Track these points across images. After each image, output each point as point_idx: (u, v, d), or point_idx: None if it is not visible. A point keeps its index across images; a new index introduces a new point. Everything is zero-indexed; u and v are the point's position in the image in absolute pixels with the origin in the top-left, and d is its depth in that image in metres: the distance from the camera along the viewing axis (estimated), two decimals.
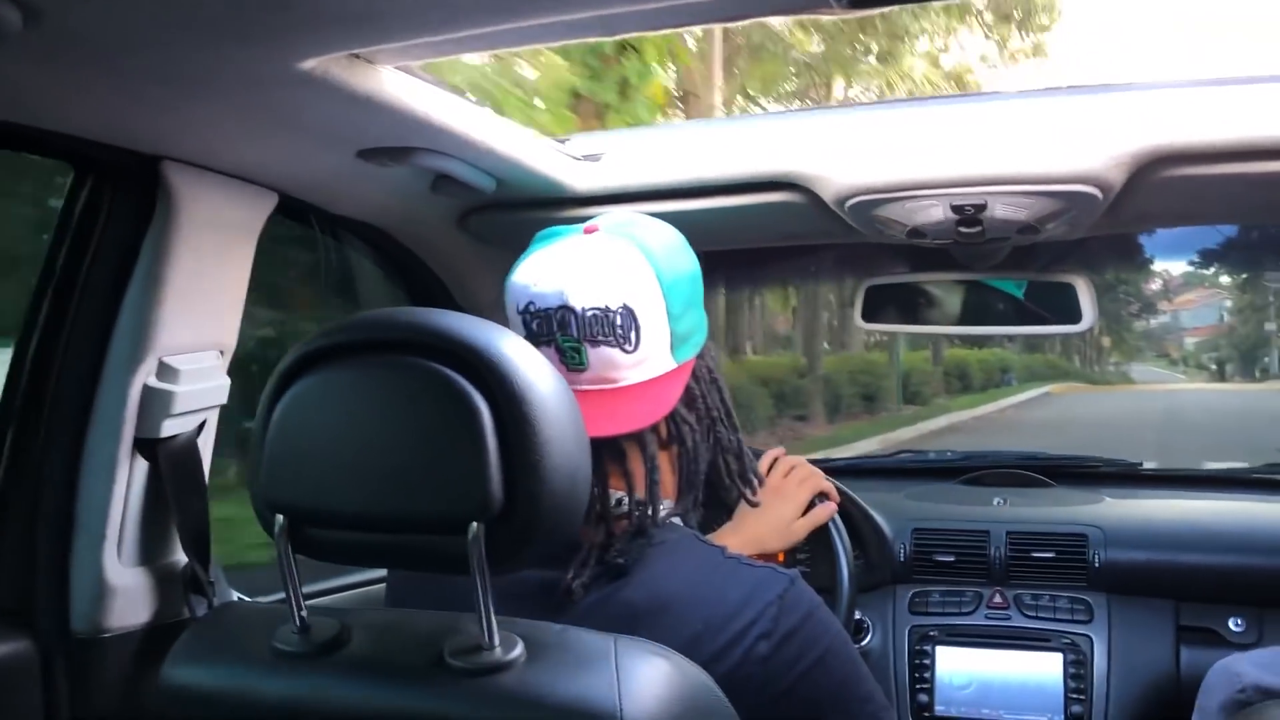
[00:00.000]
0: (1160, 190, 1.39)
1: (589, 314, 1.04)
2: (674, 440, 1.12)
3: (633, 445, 1.08)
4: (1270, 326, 29.23)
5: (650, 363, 1.07)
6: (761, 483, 1.23)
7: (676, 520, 1.13)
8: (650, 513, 1.08)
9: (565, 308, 1.04)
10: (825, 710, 1.06)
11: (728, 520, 1.84)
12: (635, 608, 1.01)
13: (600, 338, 1.05)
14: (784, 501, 1.43)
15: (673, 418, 1.11)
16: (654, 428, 1.10)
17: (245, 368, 1.36)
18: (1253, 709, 0.91)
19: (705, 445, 1.15)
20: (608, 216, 1.14)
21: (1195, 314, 33.01)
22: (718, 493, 1.20)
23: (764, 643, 1.02)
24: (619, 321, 1.04)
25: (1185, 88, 1.38)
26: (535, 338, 1.06)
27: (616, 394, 1.06)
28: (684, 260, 1.11)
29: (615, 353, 1.05)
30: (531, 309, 1.06)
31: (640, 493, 1.08)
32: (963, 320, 1.72)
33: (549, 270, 1.07)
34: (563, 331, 1.05)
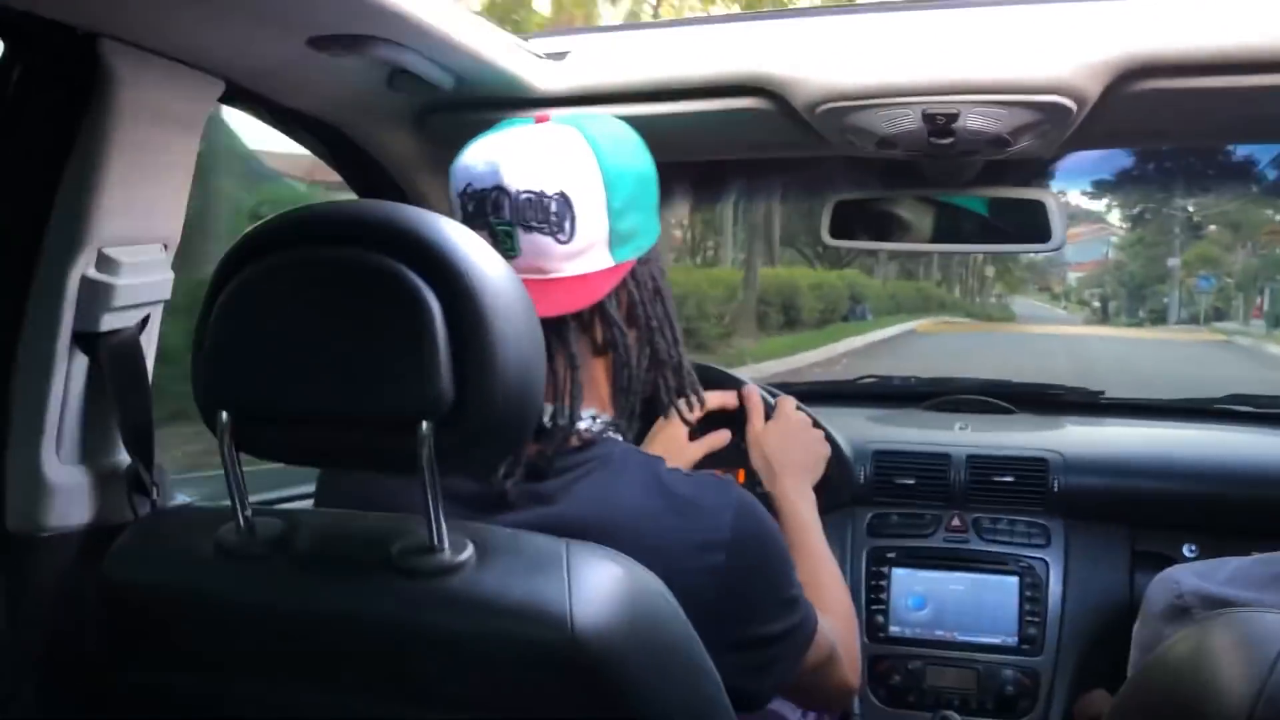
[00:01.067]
0: (1136, 103, 1.36)
1: (523, 197, 1.01)
2: (609, 347, 1.09)
3: (558, 345, 1.05)
4: (1173, 262, 28.44)
5: (585, 256, 1.04)
6: (701, 402, 1.20)
7: (614, 434, 1.10)
8: (570, 420, 1.05)
9: (500, 188, 1.02)
10: (765, 603, 1.07)
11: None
12: (583, 523, 0.99)
13: (534, 223, 1.02)
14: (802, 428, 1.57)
15: (608, 323, 1.08)
16: (585, 331, 1.07)
17: None
18: (1193, 620, 0.91)
19: (643, 356, 1.12)
20: (564, 110, 1.10)
21: (1081, 248, 33.02)
22: (654, 409, 1.17)
23: (719, 554, 1.01)
24: (554, 208, 1.01)
25: None
26: (471, 219, 1.04)
27: (547, 285, 1.03)
28: (633, 157, 1.08)
29: (548, 241, 1.02)
30: (469, 190, 1.04)
31: (565, 400, 1.05)
32: (931, 238, 1.70)
33: (489, 151, 1.04)
34: (496, 214, 1.02)
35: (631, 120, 1.12)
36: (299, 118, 1.45)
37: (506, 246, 1.03)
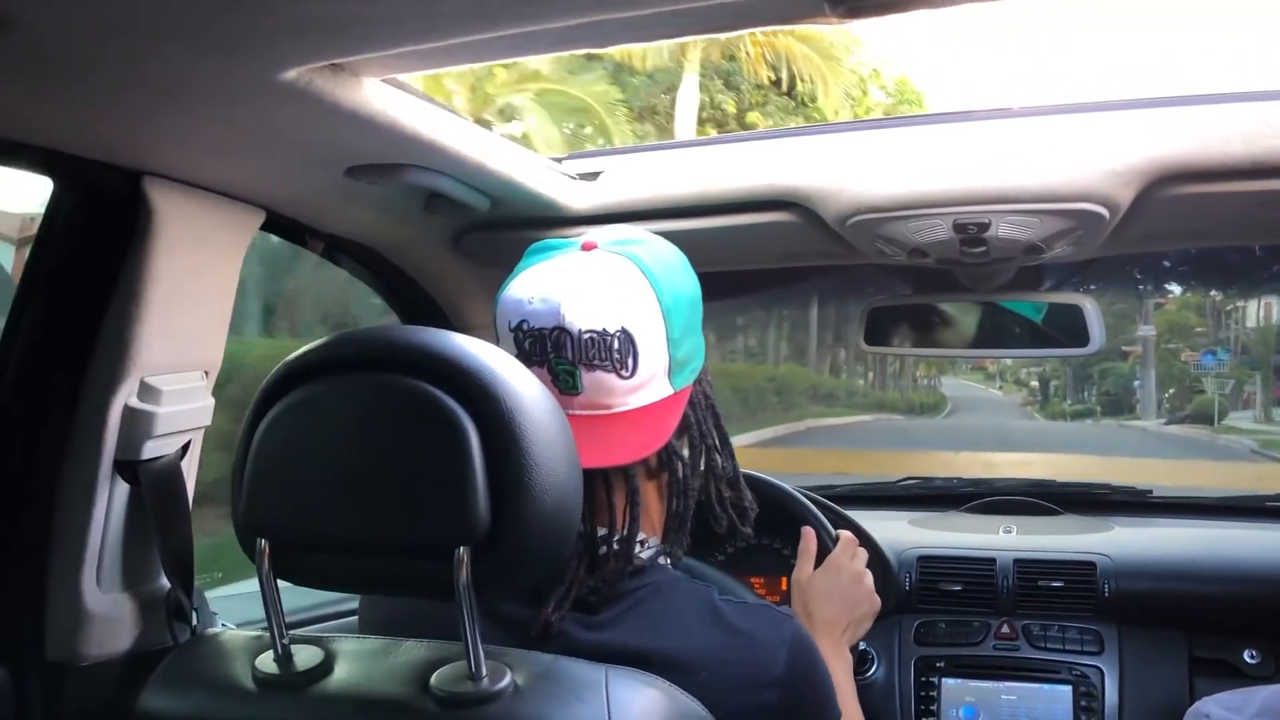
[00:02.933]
0: (1168, 209, 1.36)
1: (585, 336, 1.00)
2: (664, 469, 1.08)
3: (618, 477, 1.04)
4: (1145, 331, 24.01)
5: (647, 389, 1.03)
6: (755, 514, 1.18)
7: (663, 560, 1.09)
8: (626, 550, 1.03)
9: (561, 329, 1.00)
10: None
11: (718, 552, 1.82)
12: (633, 654, 0.97)
13: (596, 361, 1.00)
14: (852, 582, 1.40)
15: (668, 449, 1.07)
16: (642, 462, 1.06)
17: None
18: None
19: (697, 474, 1.10)
20: (605, 231, 1.11)
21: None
22: (708, 523, 1.15)
23: (774, 691, 0.99)
24: (616, 345, 1.00)
25: (1192, 105, 1.35)
26: (528, 357, 1.02)
27: (610, 420, 1.02)
28: (685, 281, 1.07)
29: (611, 378, 1.01)
30: (525, 327, 1.02)
31: (621, 528, 1.04)
32: (968, 344, 1.70)
33: (545, 287, 1.02)
34: (557, 353, 1.01)
35: (664, 235, 1.13)
36: (339, 242, 1.49)
37: (568, 385, 1.02)
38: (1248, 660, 1.86)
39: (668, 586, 1.04)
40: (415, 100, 1.12)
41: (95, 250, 1.15)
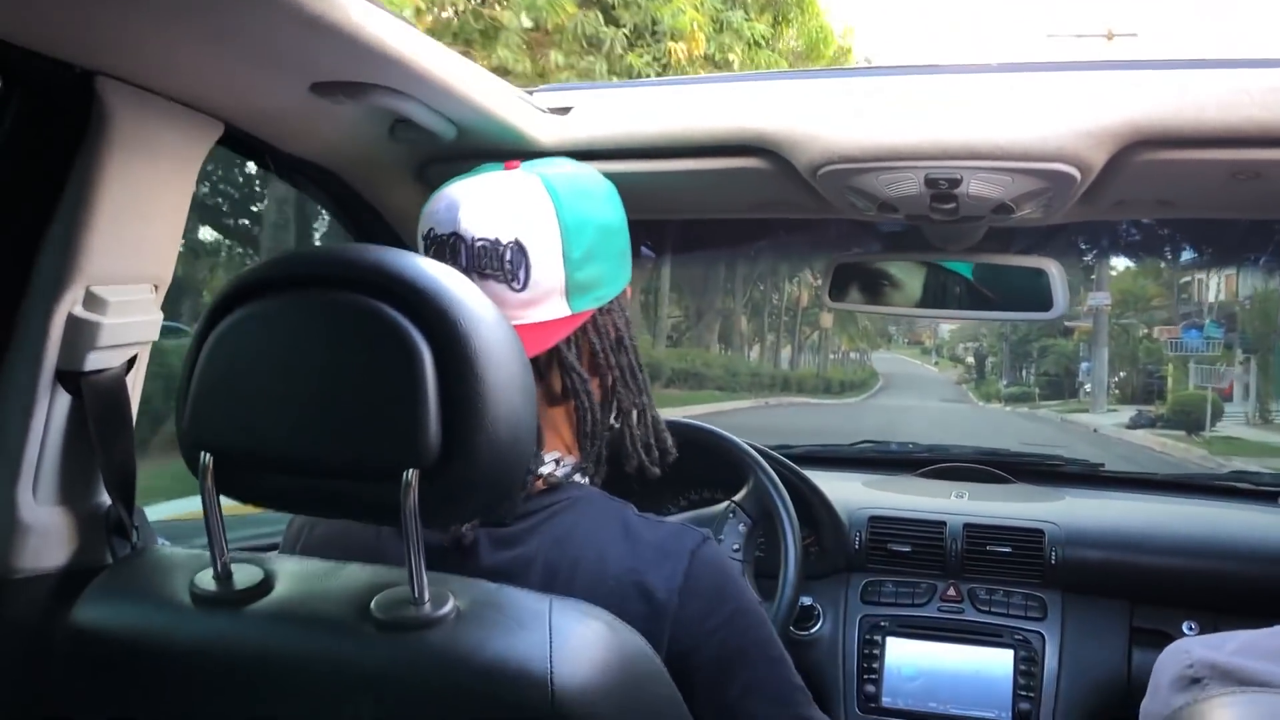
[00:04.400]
0: (1140, 174, 1.36)
1: (478, 244, 1.02)
2: (569, 394, 1.09)
3: None
4: (1098, 299, 19.49)
5: (541, 306, 1.04)
6: (668, 452, 1.17)
7: (580, 478, 1.10)
8: (534, 464, 1.04)
9: (457, 235, 1.03)
10: (736, 669, 1.03)
11: (671, 506, 1.82)
12: (544, 565, 0.99)
13: (489, 271, 1.02)
14: None
15: (566, 370, 1.08)
16: (542, 378, 1.06)
17: None
18: (1205, 696, 0.90)
19: (607, 404, 1.12)
20: (539, 159, 1.11)
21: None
22: (620, 460, 1.15)
23: (673, 597, 1.00)
24: (508, 256, 1.02)
25: (1171, 69, 1.35)
26: None
27: None
28: (598, 207, 1.08)
29: (502, 289, 1.02)
30: (430, 235, 1.05)
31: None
32: (932, 303, 1.69)
33: (452, 196, 1.05)
34: (453, 260, 1.02)
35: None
36: (298, 164, 1.45)
37: None
38: (1186, 632, 1.89)
39: (582, 502, 1.06)
40: (389, 18, 1.08)
41: (42, 152, 1.10)
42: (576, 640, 0.84)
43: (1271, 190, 1.40)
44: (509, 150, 1.46)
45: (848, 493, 2.10)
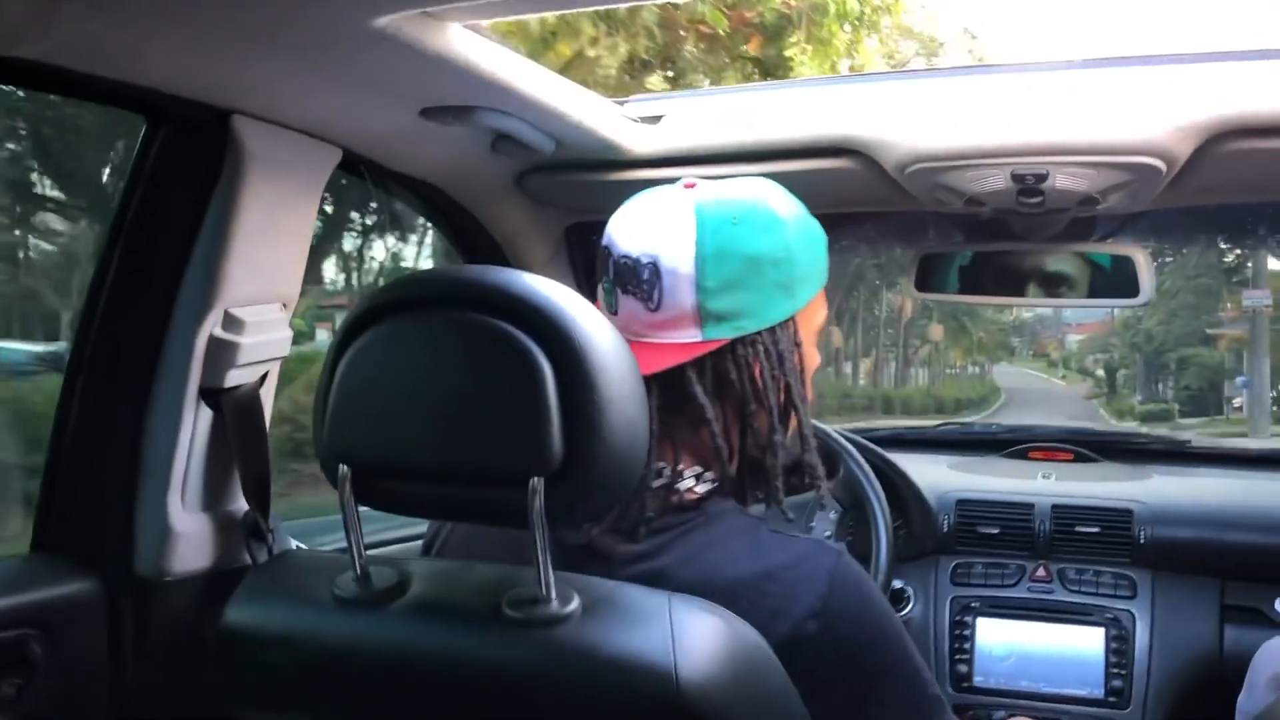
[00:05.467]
0: (1227, 163, 1.36)
1: (622, 260, 1.05)
2: (702, 421, 1.07)
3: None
4: (1256, 296, 14.95)
5: (674, 330, 1.04)
6: (819, 476, 1.14)
7: (722, 498, 1.10)
8: (673, 479, 1.06)
9: (608, 248, 1.06)
10: (875, 685, 1.03)
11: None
12: (677, 581, 0.99)
13: (629, 287, 1.05)
14: None
15: (689, 395, 1.06)
16: (689, 401, 1.06)
17: None
18: None
19: (744, 433, 1.10)
20: (721, 181, 1.10)
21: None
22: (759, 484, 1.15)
23: (812, 622, 0.99)
24: (645, 275, 1.03)
25: (1255, 59, 1.35)
26: (601, 273, 1.08)
27: (637, 349, 1.00)
28: (752, 236, 1.04)
29: (638, 306, 1.04)
30: (602, 246, 1.08)
31: (673, 461, 1.06)
32: (1018, 291, 1.71)
33: (621, 211, 1.08)
34: (605, 272, 1.07)
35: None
36: (408, 181, 1.52)
37: (609, 304, 1.07)
38: (1279, 608, 1.89)
39: (717, 519, 1.06)
40: (491, 44, 1.14)
41: (184, 186, 1.19)
42: (697, 634, 0.88)
43: None
44: (603, 160, 1.51)
45: (934, 476, 2.11)
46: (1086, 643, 1.93)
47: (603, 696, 0.88)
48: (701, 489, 1.08)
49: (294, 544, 1.35)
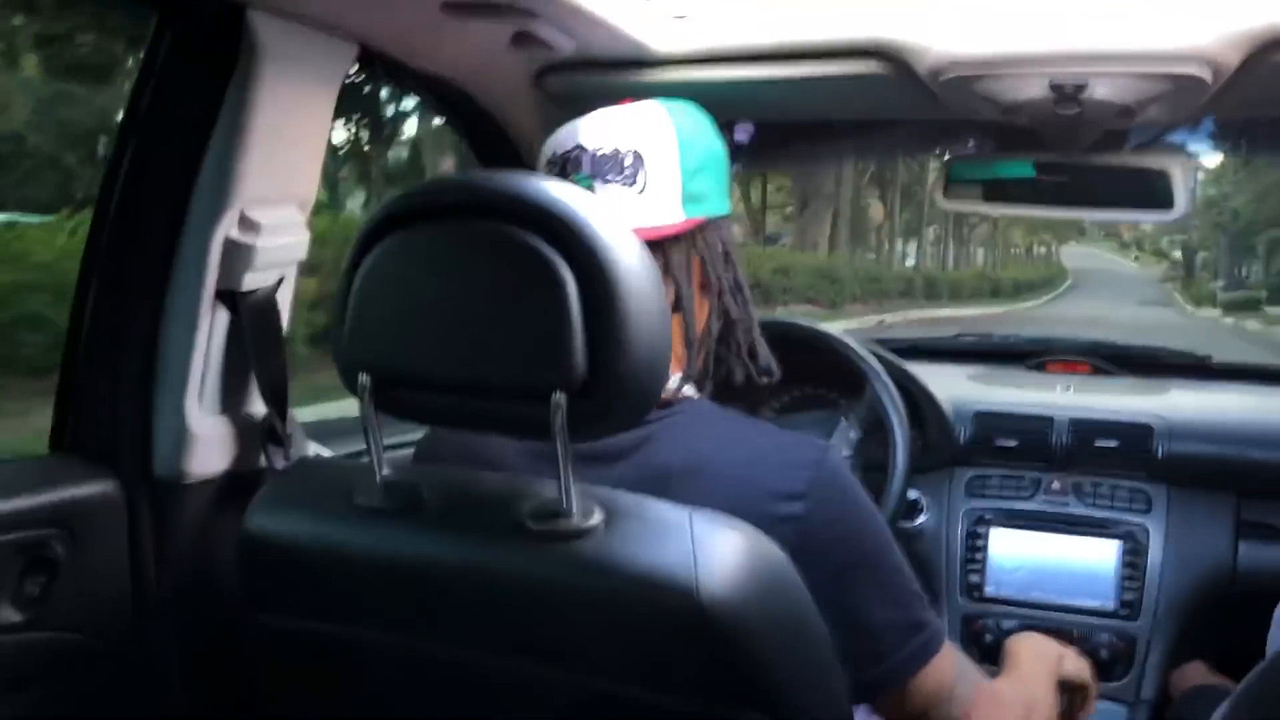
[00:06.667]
0: (1274, 75, 1.32)
1: (600, 154, 1.08)
2: (676, 305, 1.11)
3: None
4: None
5: (657, 209, 1.08)
6: (771, 373, 1.19)
7: (689, 390, 1.12)
8: None
9: (579, 147, 1.08)
10: (857, 577, 1.06)
11: (770, 406, 1.84)
12: (668, 469, 1.03)
13: (610, 176, 1.08)
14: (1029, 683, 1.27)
15: (674, 280, 1.10)
16: None
17: None
18: None
19: (712, 316, 1.14)
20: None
21: None
22: (726, 374, 1.17)
23: (798, 503, 1.02)
24: (628, 162, 1.08)
25: None
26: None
27: None
28: (709, 136, 1.14)
29: (622, 191, 1.07)
30: (553, 158, 1.10)
31: None
32: (1049, 200, 1.67)
33: (573, 124, 1.11)
34: (575, 170, 1.08)
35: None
36: (426, 80, 1.48)
37: None
38: None
39: (696, 411, 1.09)
40: None
41: (197, 84, 1.16)
42: (718, 549, 0.88)
43: None
44: (625, 59, 1.47)
45: (953, 387, 2.10)
46: (1100, 555, 1.94)
47: (624, 610, 0.89)
48: (672, 384, 1.09)
49: (312, 449, 1.35)
